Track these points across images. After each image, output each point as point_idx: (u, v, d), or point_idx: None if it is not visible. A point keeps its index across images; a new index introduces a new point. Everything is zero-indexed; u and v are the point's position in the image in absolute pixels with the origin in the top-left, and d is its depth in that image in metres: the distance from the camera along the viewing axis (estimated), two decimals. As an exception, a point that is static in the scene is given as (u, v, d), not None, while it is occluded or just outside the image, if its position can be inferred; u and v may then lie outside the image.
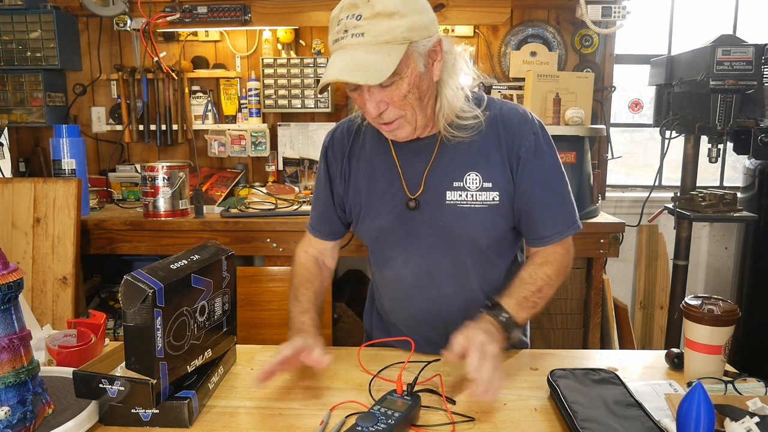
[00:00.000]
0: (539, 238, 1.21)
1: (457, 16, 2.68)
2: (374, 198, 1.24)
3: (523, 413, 1.02)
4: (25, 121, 2.81)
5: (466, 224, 1.19)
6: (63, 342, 1.21)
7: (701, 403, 0.82)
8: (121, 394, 0.95)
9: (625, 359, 1.26)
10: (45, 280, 2.29)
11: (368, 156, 1.26)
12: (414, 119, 1.12)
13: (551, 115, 2.49)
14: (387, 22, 1.01)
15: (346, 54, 1.03)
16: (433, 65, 1.10)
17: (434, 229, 1.20)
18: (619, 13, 2.66)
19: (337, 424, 0.97)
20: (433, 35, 1.08)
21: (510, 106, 1.22)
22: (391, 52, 1.02)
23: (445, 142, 1.19)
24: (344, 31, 1.03)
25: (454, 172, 1.19)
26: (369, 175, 1.25)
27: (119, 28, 2.72)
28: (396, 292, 1.30)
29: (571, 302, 2.52)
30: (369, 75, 1.01)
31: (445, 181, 1.19)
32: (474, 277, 1.24)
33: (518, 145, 1.18)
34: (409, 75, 1.06)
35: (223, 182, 2.84)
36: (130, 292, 0.93)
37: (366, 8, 1.02)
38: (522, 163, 1.18)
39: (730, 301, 1.10)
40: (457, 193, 1.18)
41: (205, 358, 1.10)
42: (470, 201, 1.18)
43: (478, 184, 1.18)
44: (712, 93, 2.29)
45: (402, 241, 1.24)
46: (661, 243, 3.20)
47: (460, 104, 1.15)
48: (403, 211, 1.21)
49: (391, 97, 1.08)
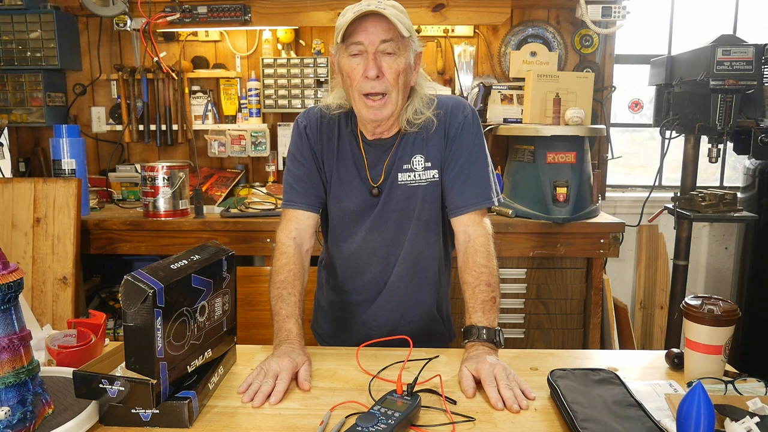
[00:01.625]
0: (456, 207, 1.35)
1: (457, 16, 2.68)
2: (343, 184, 1.39)
3: (523, 413, 1.02)
4: (25, 121, 2.81)
5: (414, 200, 1.36)
6: (63, 342, 1.21)
7: (701, 403, 0.82)
8: (121, 394, 0.95)
9: (625, 359, 1.26)
10: (45, 280, 2.29)
11: (341, 147, 1.39)
12: (396, 102, 1.27)
13: (551, 115, 2.49)
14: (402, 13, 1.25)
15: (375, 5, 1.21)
16: (414, 69, 1.31)
17: (390, 207, 1.38)
18: (619, 13, 2.66)
19: (337, 424, 0.97)
20: (419, 48, 1.31)
21: (449, 96, 1.42)
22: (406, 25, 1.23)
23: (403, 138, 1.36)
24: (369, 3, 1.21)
25: (405, 157, 1.36)
26: (339, 163, 1.39)
27: (119, 28, 2.72)
28: (354, 262, 1.44)
29: (571, 302, 2.52)
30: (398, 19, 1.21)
31: (398, 166, 1.36)
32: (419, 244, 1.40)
33: (449, 126, 1.36)
34: (406, 59, 1.26)
35: (223, 182, 2.84)
36: (130, 292, 0.93)
37: None
38: (450, 141, 1.35)
39: (730, 301, 1.10)
40: (406, 174, 1.36)
41: (205, 358, 1.10)
42: (417, 180, 1.36)
43: (422, 165, 1.36)
44: (712, 93, 2.29)
45: (364, 220, 1.40)
46: (661, 243, 3.20)
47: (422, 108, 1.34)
48: (367, 197, 1.38)
49: (389, 66, 1.24)
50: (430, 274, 1.45)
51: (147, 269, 0.97)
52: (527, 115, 2.59)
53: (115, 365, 1.09)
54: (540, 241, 2.40)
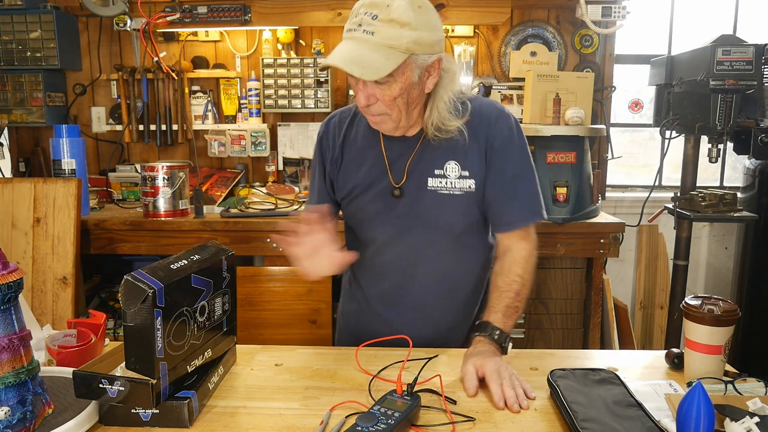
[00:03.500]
0: (505, 223, 1.30)
1: (457, 16, 2.68)
2: (363, 185, 1.34)
3: (523, 413, 1.02)
4: (25, 121, 2.81)
5: (445, 210, 1.29)
6: (63, 342, 1.21)
7: (701, 403, 0.82)
8: (121, 394, 0.95)
9: (625, 359, 1.26)
10: (45, 280, 2.29)
11: (359, 146, 1.35)
12: (398, 119, 1.22)
13: (551, 115, 2.49)
14: (398, 30, 1.11)
15: (354, 45, 1.13)
16: (427, 78, 1.21)
17: (415, 212, 1.31)
18: (619, 13, 2.66)
19: (337, 424, 0.97)
20: (435, 53, 1.18)
21: (489, 102, 1.33)
22: (392, 57, 1.12)
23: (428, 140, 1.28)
24: (359, 24, 1.13)
25: (435, 161, 1.28)
26: (359, 163, 1.34)
27: (119, 28, 2.72)
28: (375, 269, 1.40)
29: (571, 302, 2.52)
30: (365, 71, 1.11)
31: (427, 170, 1.29)
32: (449, 259, 1.34)
33: (493, 137, 1.27)
34: (403, 81, 1.16)
35: (223, 182, 2.84)
36: (130, 292, 0.93)
37: (384, 11, 1.12)
38: (495, 153, 1.28)
39: (730, 301, 1.10)
40: (438, 180, 1.28)
41: (205, 358, 1.10)
42: (449, 188, 1.28)
43: (457, 173, 1.28)
44: (712, 93, 2.29)
45: (384, 224, 1.34)
46: (661, 243, 3.20)
47: (448, 115, 1.24)
48: (388, 198, 1.31)
49: (382, 94, 1.17)
50: (464, 293, 1.39)
51: (147, 269, 0.97)
52: (527, 115, 2.59)
53: (115, 365, 1.09)
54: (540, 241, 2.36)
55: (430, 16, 1.16)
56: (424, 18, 1.14)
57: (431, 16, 1.17)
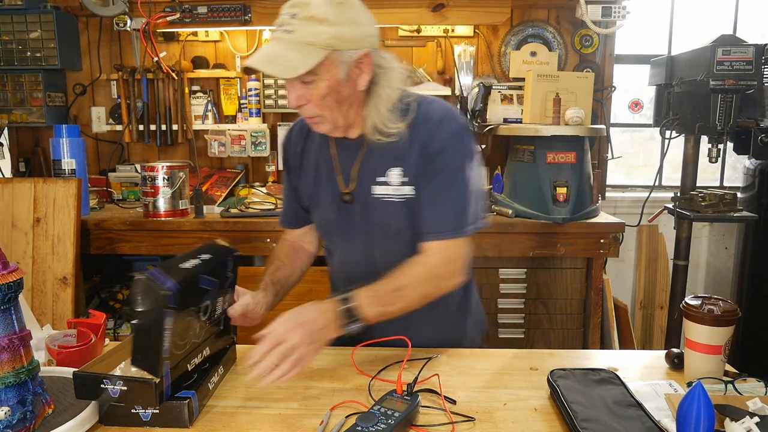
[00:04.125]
0: (422, 232, 1.24)
1: (457, 16, 2.68)
2: (319, 191, 1.34)
3: (523, 413, 1.02)
4: (25, 121, 2.81)
5: (391, 216, 1.26)
6: (63, 342, 1.21)
7: (701, 403, 0.82)
8: (122, 394, 0.95)
9: (625, 359, 1.26)
10: (45, 280, 2.29)
11: (315, 152, 1.35)
12: (333, 119, 1.20)
13: (551, 115, 2.49)
14: (315, 27, 1.10)
15: (272, 46, 1.13)
16: (358, 76, 1.17)
17: (367, 220, 1.29)
18: (619, 13, 2.65)
19: (337, 424, 0.97)
20: (361, 49, 1.15)
21: (436, 106, 1.26)
22: (309, 54, 1.10)
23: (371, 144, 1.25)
24: (280, 24, 1.14)
25: (379, 168, 1.26)
26: (315, 169, 1.35)
27: (119, 28, 2.72)
28: (342, 276, 1.40)
29: (571, 302, 2.52)
30: (280, 69, 1.11)
31: (372, 177, 1.26)
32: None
33: (431, 140, 1.22)
34: (329, 79, 1.14)
35: (223, 182, 2.84)
36: (144, 291, 0.93)
37: (303, 9, 1.11)
38: (430, 158, 1.22)
39: (730, 301, 1.10)
40: (381, 187, 1.25)
41: (203, 356, 1.10)
42: (393, 195, 1.25)
43: (399, 180, 1.24)
44: (712, 93, 2.29)
45: (342, 231, 1.33)
46: (661, 243, 3.20)
47: (389, 114, 1.20)
48: (340, 204, 1.31)
49: (310, 94, 1.16)
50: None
51: (160, 269, 0.97)
52: (527, 115, 2.59)
53: (114, 365, 1.09)
54: (540, 241, 2.40)
55: (352, 12, 1.14)
56: (345, 13, 1.12)
57: (354, 12, 1.14)
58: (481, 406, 1.04)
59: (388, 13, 2.65)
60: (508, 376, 1.17)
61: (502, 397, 1.08)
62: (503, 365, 1.22)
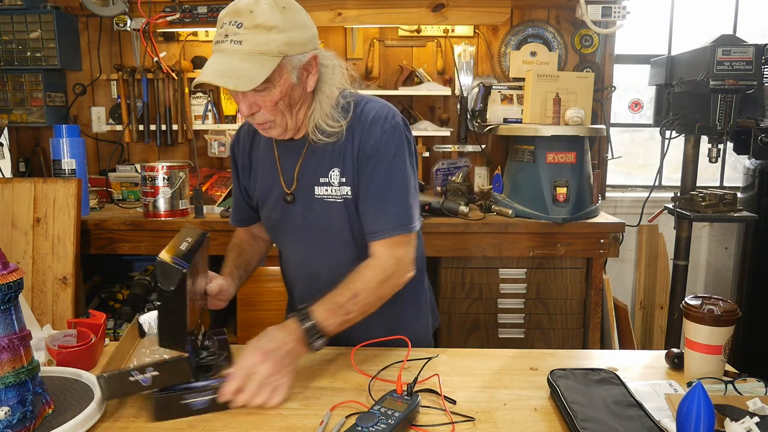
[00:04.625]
0: (369, 232, 1.24)
1: (457, 16, 2.68)
2: (264, 191, 1.36)
3: (523, 413, 1.02)
4: (25, 121, 2.81)
5: (332, 216, 1.28)
6: (63, 342, 1.21)
7: (701, 403, 0.82)
8: (155, 379, 0.97)
9: (625, 359, 1.26)
10: (45, 280, 2.29)
11: (261, 153, 1.37)
12: (284, 123, 1.20)
13: (551, 115, 2.49)
14: (265, 35, 1.09)
15: (223, 58, 1.10)
16: (307, 77, 1.18)
17: (308, 220, 1.30)
18: (619, 13, 2.66)
19: (337, 424, 0.97)
20: (309, 51, 1.16)
21: (371, 106, 1.26)
22: (265, 63, 1.09)
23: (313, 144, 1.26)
24: (225, 35, 1.10)
25: (320, 168, 1.27)
26: (260, 170, 1.37)
27: (119, 28, 2.72)
28: (288, 276, 1.46)
29: (571, 302, 2.52)
30: (240, 81, 1.08)
31: (314, 177, 1.28)
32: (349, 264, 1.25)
33: (365, 142, 1.23)
34: (282, 84, 1.14)
35: (223, 182, 2.84)
36: (166, 272, 0.97)
37: (248, 18, 1.08)
38: (365, 159, 1.23)
39: (730, 301, 1.10)
40: (323, 188, 1.27)
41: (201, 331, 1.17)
42: (334, 195, 1.27)
43: (338, 180, 1.26)
44: (712, 93, 2.29)
45: (285, 230, 1.36)
46: (661, 243, 3.20)
47: (330, 111, 1.22)
48: (283, 204, 1.32)
49: (263, 101, 1.15)
50: None
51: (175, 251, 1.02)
52: (527, 115, 2.59)
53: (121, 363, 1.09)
54: (540, 241, 2.40)
55: (296, 15, 1.14)
56: (291, 18, 1.12)
57: (298, 15, 1.15)
58: (481, 406, 1.04)
59: (388, 13, 2.65)
60: (508, 376, 1.17)
61: (502, 397, 1.08)
62: (503, 365, 1.22)
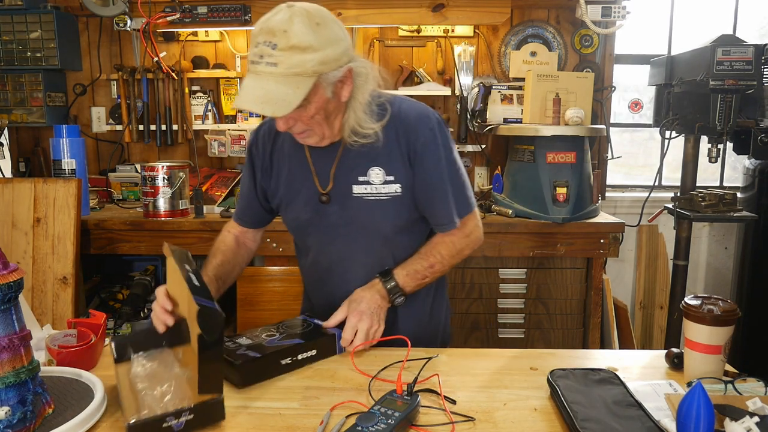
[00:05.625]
0: (440, 224, 1.35)
1: (457, 16, 2.68)
2: (292, 192, 1.37)
3: (523, 413, 1.02)
4: (25, 121, 2.81)
5: (373, 214, 1.31)
6: (63, 342, 1.21)
7: (701, 403, 0.82)
8: (189, 424, 0.94)
9: (625, 359, 1.26)
10: (45, 280, 2.29)
11: (287, 154, 1.37)
12: (321, 133, 1.23)
13: (551, 115, 2.49)
14: (300, 56, 1.09)
15: (260, 82, 1.11)
16: (341, 89, 1.20)
17: (345, 219, 1.33)
18: (619, 13, 2.66)
19: (337, 424, 0.97)
20: (344, 65, 1.17)
21: (409, 105, 1.32)
22: (300, 84, 1.11)
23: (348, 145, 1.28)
24: (260, 56, 1.11)
25: (359, 167, 1.30)
26: (287, 171, 1.37)
27: (119, 28, 2.72)
28: (314, 276, 1.44)
29: (571, 302, 2.52)
30: (277, 107, 1.10)
31: (351, 176, 1.30)
32: (384, 261, 1.36)
33: (414, 140, 1.28)
34: (317, 101, 1.16)
35: (223, 182, 2.84)
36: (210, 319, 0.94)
37: (282, 39, 1.09)
38: (418, 157, 1.29)
39: (730, 301, 1.10)
40: (362, 186, 1.30)
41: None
42: (375, 193, 1.30)
43: (381, 178, 1.30)
44: (712, 93, 2.29)
45: (317, 231, 1.37)
46: (661, 243, 3.20)
47: (364, 116, 1.24)
48: (317, 204, 1.34)
49: (299, 116, 1.18)
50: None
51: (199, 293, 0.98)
52: (527, 115, 2.59)
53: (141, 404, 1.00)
54: (540, 241, 2.40)
55: (330, 30, 1.13)
56: (325, 35, 1.12)
57: (332, 30, 1.14)
58: (481, 406, 1.04)
59: (388, 13, 2.65)
60: (508, 376, 1.17)
61: (502, 397, 1.08)
62: (503, 365, 1.22)
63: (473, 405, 1.05)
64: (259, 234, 1.54)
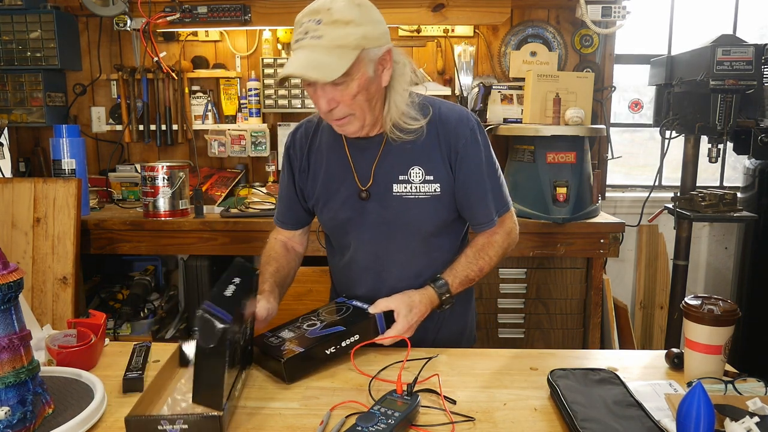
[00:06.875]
0: (479, 223, 1.37)
1: (457, 16, 2.68)
2: (330, 190, 1.37)
3: (523, 413, 1.02)
4: (25, 121, 2.81)
5: (411, 213, 1.32)
6: (63, 342, 1.21)
7: (701, 403, 0.82)
8: None
9: (625, 359, 1.26)
10: (45, 280, 2.29)
11: (324, 152, 1.38)
12: (363, 117, 1.24)
13: (551, 115, 2.49)
14: (343, 29, 1.14)
15: (305, 52, 1.15)
16: (382, 72, 1.23)
17: (383, 218, 1.33)
18: (619, 13, 2.65)
19: (337, 424, 0.97)
20: (384, 45, 1.21)
21: (448, 107, 1.35)
22: (344, 55, 1.14)
23: (390, 141, 1.30)
24: (305, 33, 1.15)
25: (399, 166, 1.31)
26: (325, 169, 1.38)
27: (119, 28, 2.71)
28: (349, 275, 1.44)
29: (571, 302, 2.52)
30: (323, 72, 1.13)
31: (391, 175, 1.31)
32: (420, 261, 1.37)
33: (455, 141, 1.30)
34: (360, 78, 1.18)
35: (223, 182, 2.84)
36: (206, 328, 0.93)
37: (326, 15, 1.14)
38: (459, 158, 1.31)
39: (730, 301, 1.10)
40: (402, 185, 1.31)
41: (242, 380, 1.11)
42: (414, 192, 1.31)
43: (421, 178, 1.31)
44: (712, 93, 2.29)
45: (355, 229, 1.37)
46: (661, 243, 3.20)
47: (406, 109, 1.27)
48: (356, 202, 1.34)
49: (342, 95, 1.19)
50: None
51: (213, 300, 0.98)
52: (527, 115, 2.59)
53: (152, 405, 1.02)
54: (540, 241, 2.40)
55: (371, 12, 1.20)
56: (366, 14, 1.18)
57: (372, 12, 1.21)
58: (481, 406, 1.04)
59: (388, 13, 2.61)
60: (508, 376, 1.17)
61: (502, 397, 1.08)
62: (503, 365, 1.22)
63: (473, 405, 1.05)
64: (305, 236, 1.53)
